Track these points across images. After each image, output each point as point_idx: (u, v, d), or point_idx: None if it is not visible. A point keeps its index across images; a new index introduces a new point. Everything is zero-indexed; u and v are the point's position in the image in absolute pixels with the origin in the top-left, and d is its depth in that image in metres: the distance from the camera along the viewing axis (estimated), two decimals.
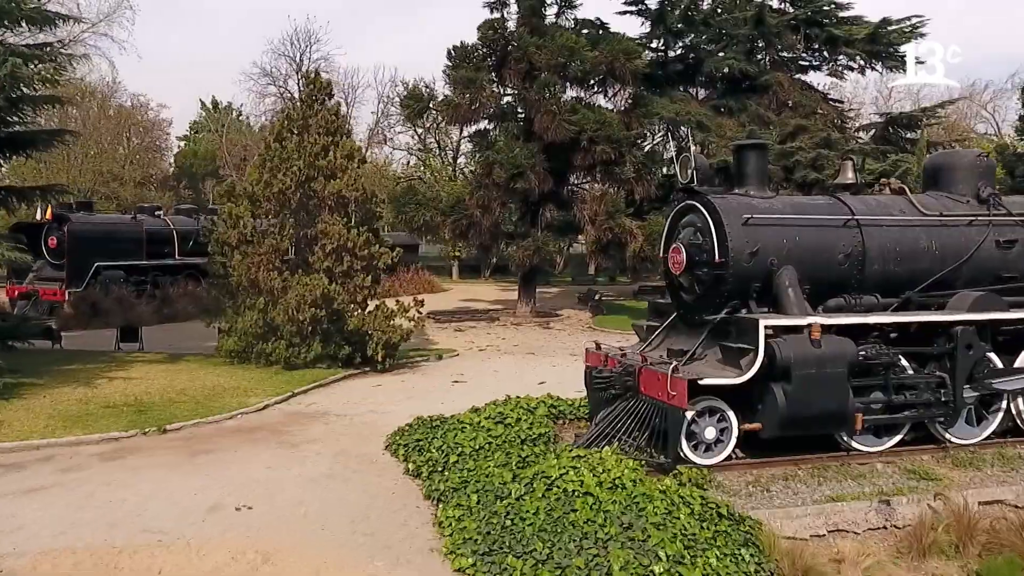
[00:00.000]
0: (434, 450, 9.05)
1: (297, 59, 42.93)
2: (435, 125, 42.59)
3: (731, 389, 7.79)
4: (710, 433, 7.93)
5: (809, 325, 7.83)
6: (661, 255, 9.25)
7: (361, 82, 66.38)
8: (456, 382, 14.60)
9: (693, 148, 8.88)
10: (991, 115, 55.63)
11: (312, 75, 16.09)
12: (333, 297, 14.50)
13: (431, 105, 24.47)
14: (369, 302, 16.13)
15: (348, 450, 9.86)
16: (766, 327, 7.70)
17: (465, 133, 27.98)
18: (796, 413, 7.75)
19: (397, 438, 9.84)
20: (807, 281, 8.32)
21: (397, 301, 16.09)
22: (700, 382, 7.57)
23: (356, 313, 15.33)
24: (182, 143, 56.06)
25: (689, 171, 8.74)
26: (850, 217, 8.60)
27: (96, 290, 22.93)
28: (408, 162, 46.04)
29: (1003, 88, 52.92)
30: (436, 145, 44.05)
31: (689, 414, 7.70)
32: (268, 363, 14.94)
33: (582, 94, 26.29)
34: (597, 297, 29.89)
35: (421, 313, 16.15)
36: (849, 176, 9.19)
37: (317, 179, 15.36)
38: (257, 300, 14.98)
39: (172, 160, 51.03)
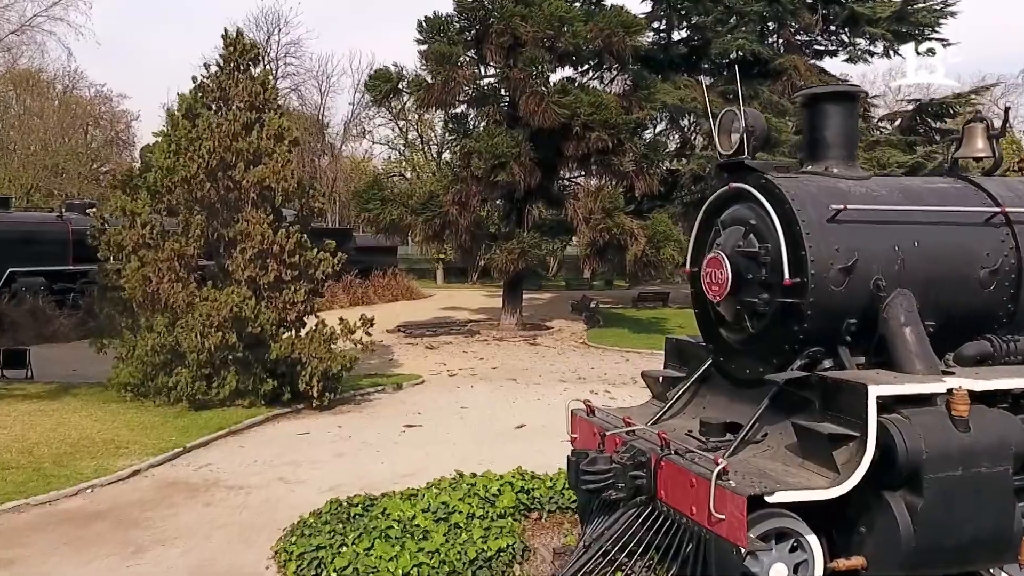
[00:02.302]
0: (335, 574, 5.79)
1: (263, 43, 39.53)
2: (416, 114, 39.34)
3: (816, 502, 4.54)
4: (779, 573, 4.67)
5: (949, 391, 4.59)
6: (688, 269, 5.99)
7: (336, 69, 62.88)
8: (409, 427, 11.32)
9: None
10: (1002, 111, 52.84)
11: (234, 34, 12.77)
12: (248, 316, 11.21)
13: (400, 86, 21.17)
14: (307, 319, 12.88)
15: (215, 559, 6.58)
16: (878, 397, 4.45)
17: (446, 121, 24.59)
18: (931, 542, 4.51)
19: (292, 540, 6.55)
20: (931, 313, 5.09)
21: (340, 319, 12.80)
22: (770, 499, 4.31)
23: (284, 336, 12.05)
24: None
25: (734, 135, 5.49)
26: (995, 209, 5.36)
27: (6, 301, 19.62)
28: (389, 157, 42.76)
29: (1015, 84, 50.26)
30: (419, 138, 40.73)
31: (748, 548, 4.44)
32: (171, 400, 11.66)
33: (575, 75, 23.15)
34: (593, 305, 26.65)
35: (371, 335, 12.86)
36: (979, 147, 5.91)
37: (237, 165, 12.08)
38: (156, 319, 11.72)
39: (137, 155, 47.66)
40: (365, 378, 14.84)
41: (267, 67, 12.30)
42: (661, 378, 6.24)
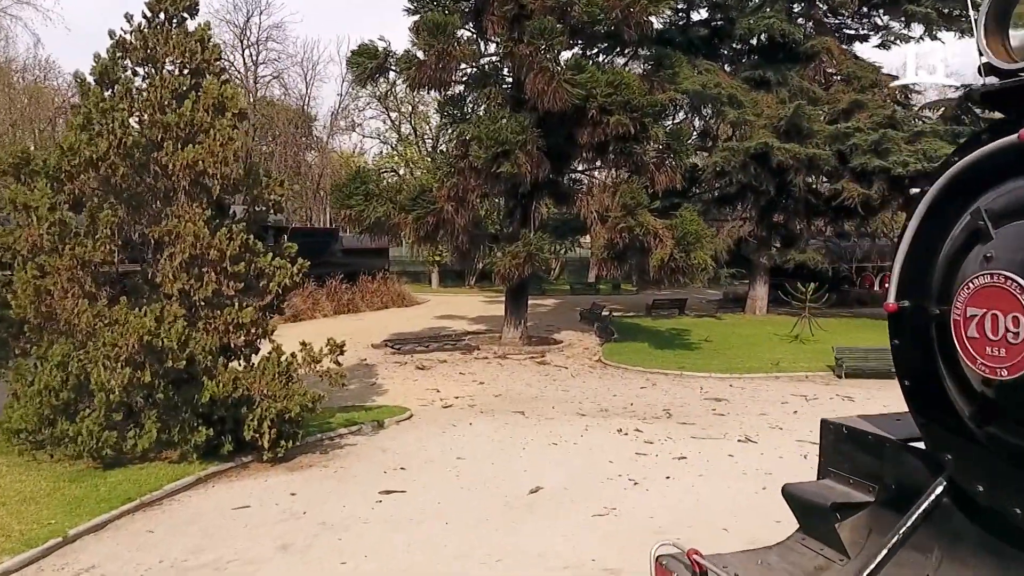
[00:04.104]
0: None
1: (242, 26, 36.66)
2: (409, 105, 36.47)
3: None
4: None
5: None
6: (894, 304, 3.15)
7: (323, 56, 59.56)
8: (387, 493, 8.46)
9: None
10: None
11: None
12: (169, 346, 8.36)
13: (388, 63, 18.32)
14: (260, 344, 10.06)
15: None
16: None
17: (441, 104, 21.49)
18: None
19: None
20: None
21: (303, 344, 9.96)
22: None
23: (226, 369, 9.19)
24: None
25: None
26: None
27: None
28: (381, 152, 39.92)
29: None
30: (412, 132, 37.86)
31: None
32: (71, 454, 8.82)
33: (589, 54, 20.32)
34: (605, 314, 23.87)
35: (340, 364, 10.03)
36: None
37: (165, 144, 9.24)
38: (53, 348, 8.87)
39: None
40: (340, 412, 12.04)
41: (205, 23, 9.40)
42: (830, 509, 3.37)
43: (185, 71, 9.80)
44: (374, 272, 29.86)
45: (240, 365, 9.60)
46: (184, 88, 9.56)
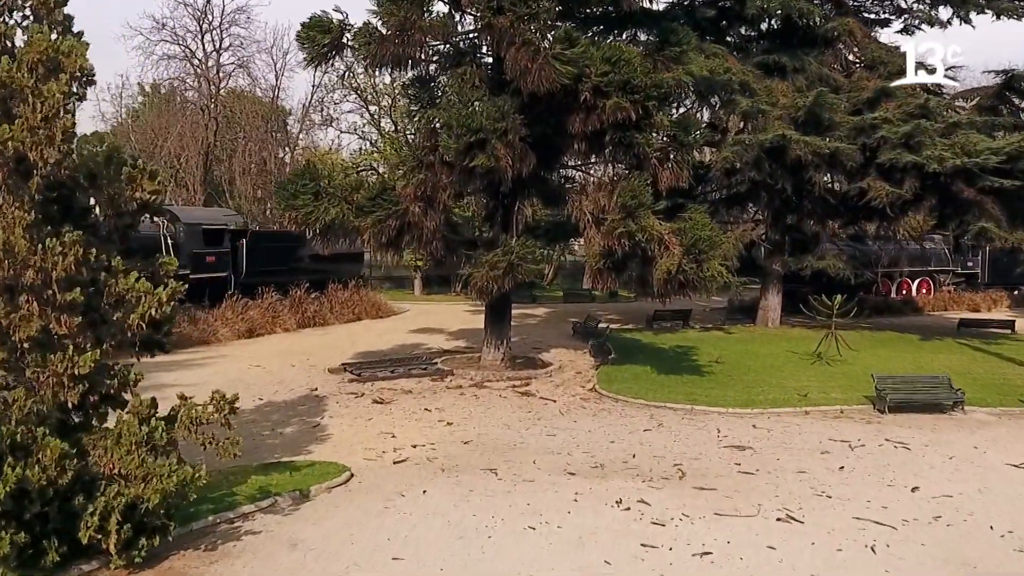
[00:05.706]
0: None
1: (201, 8, 33.71)
2: (388, 97, 33.64)
3: None
4: None
5: None
6: None
7: (293, 44, 56.07)
8: None
9: None
10: None
11: None
12: None
13: (345, 39, 15.51)
14: (126, 394, 7.26)
15: None
16: None
17: (405, 85, 18.40)
18: None
19: None
20: None
21: (182, 399, 7.17)
22: None
23: (49, 446, 6.37)
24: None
25: None
26: None
27: None
28: (360, 149, 37.01)
29: None
30: (394, 126, 35.00)
31: None
32: None
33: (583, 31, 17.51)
34: (602, 327, 21.13)
35: (232, 425, 7.24)
36: None
37: None
38: None
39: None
40: (257, 472, 9.27)
41: None
42: None
43: (13, 19, 7.01)
44: (347, 279, 26.97)
45: (81, 437, 6.79)
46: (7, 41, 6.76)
